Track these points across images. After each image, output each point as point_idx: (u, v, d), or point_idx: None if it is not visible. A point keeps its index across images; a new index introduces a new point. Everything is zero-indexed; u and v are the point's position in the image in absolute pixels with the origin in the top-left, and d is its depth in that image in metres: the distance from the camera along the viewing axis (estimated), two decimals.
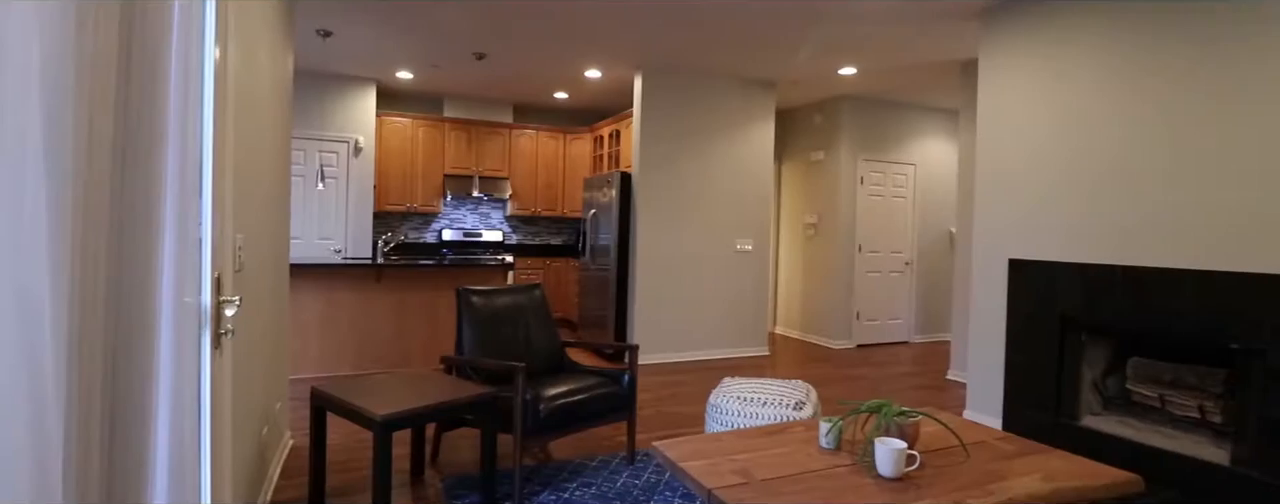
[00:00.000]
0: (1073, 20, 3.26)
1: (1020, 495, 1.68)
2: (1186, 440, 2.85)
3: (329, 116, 5.75)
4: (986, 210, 3.68)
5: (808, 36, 4.33)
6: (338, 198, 5.84)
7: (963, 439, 2.04)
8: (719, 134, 5.48)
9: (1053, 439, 3.25)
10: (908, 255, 6.54)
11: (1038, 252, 3.38)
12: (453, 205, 6.82)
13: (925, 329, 6.64)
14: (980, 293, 3.70)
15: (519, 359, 2.92)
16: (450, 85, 6.12)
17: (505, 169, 6.70)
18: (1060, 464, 1.91)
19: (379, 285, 4.51)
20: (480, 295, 2.98)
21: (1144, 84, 2.95)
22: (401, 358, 4.59)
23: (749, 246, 5.67)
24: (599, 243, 5.56)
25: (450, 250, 6.64)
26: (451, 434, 3.25)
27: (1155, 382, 3.07)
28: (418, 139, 6.34)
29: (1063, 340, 3.25)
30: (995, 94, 3.65)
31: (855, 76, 5.40)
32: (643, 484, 2.64)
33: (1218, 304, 2.65)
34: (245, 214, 2.03)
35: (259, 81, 2.24)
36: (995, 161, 3.64)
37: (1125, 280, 2.97)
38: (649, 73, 5.19)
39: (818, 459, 1.90)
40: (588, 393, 2.67)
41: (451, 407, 2.26)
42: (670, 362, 5.28)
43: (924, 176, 6.60)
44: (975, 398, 3.74)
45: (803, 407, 2.67)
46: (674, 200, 5.31)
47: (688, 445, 1.98)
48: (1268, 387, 2.50)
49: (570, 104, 6.87)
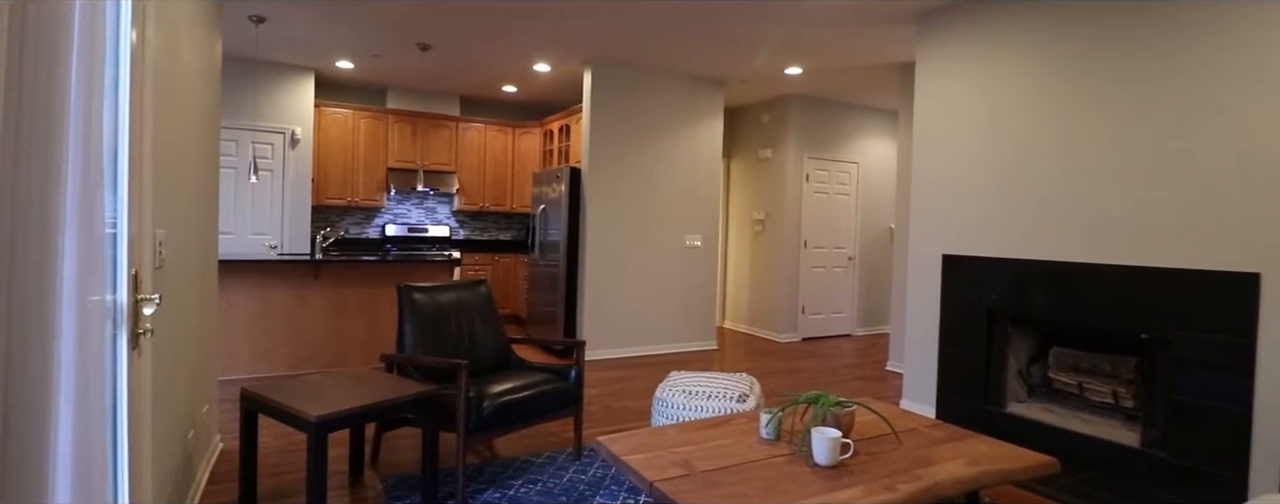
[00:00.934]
0: (1000, 28, 3.41)
1: (946, 480, 1.76)
2: (1102, 424, 3.04)
3: (263, 106, 5.51)
4: (922, 208, 3.82)
5: (755, 35, 4.40)
6: (273, 191, 5.60)
7: (895, 427, 2.12)
8: (669, 130, 5.51)
9: (981, 426, 3.41)
10: (850, 251, 6.74)
11: (969, 248, 3.53)
12: (397, 200, 6.64)
13: (867, 322, 6.87)
14: (916, 287, 3.85)
15: (463, 356, 2.87)
16: (394, 76, 5.95)
17: (452, 163, 6.56)
18: (985, 449, 2.01)
19: (317, 282, 4.36)
20: (423, 292, 2.92)
21: (1064, 91, 3.12)
22: (340, 357, 4.45)
23: (698, 242, 5.73)
24: (548, 238, 5.51)
25: (394, 246, 6.47)
26: (393, 434, 3.18)
27: (1074, 370, 3.26)
28: (359, 131, 6.14)
29: (991, 332, 3.41)
30: (930, 96, 3.79)
31: (801, 77, 5.51)
32: (589, 479, 2.65)
33: (1129, 297, 2.83)
34: (168, 208, 1.93)
35: (182, 67, 2.13)
36: (930, 161, 3.78)
37: (1048, 275, 3.14)
38: (598, 68, 5.17)
39: (758, 450, 1.94)
40: (534, 389, 2.65)
41: (391, 406, 2.21)
42: (619, 357, 5.30)
43: (866, 175, 6.81)
44: (911, 387, 3.89)
45: (746, 399, 2.72)
46: (624, 196, 5.31)
47: (632, 439, 1.99)
48: (1173, 374, 2.69)
49: (519, 97, 6.78)
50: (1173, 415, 2.69)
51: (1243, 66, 2.53)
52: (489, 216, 7.15)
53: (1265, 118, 2.46)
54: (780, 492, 1.65)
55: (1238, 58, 2.54)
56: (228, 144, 5.33)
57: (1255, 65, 2.49)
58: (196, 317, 2.48)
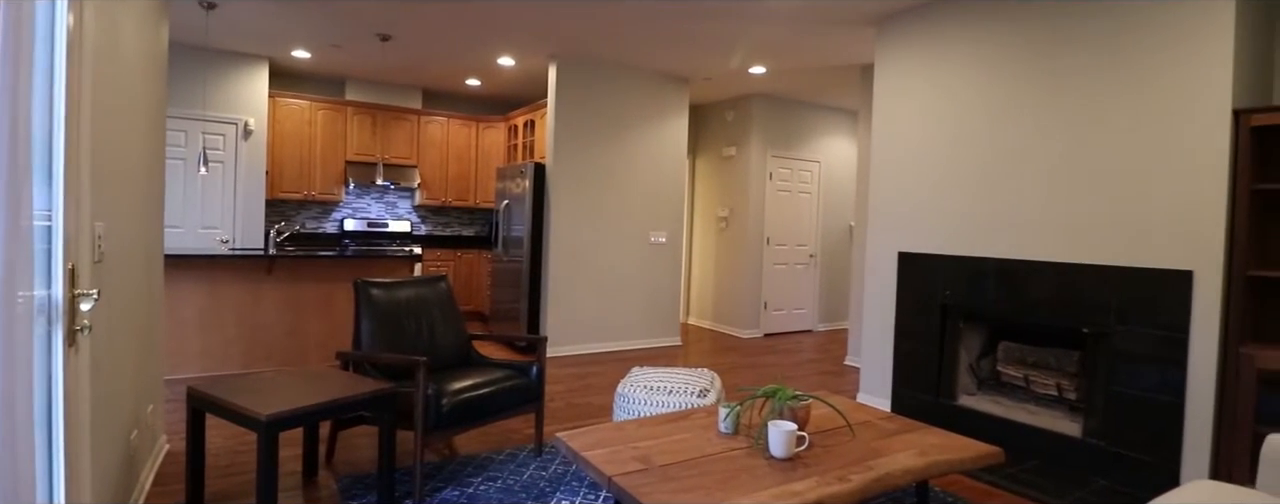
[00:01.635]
0: (955, 33, 3.51)
1: (897, 470, 1.81)
2: (1047, 415, 3.16)
3: (214, 96, 5.32)
4: (879, 207, 3.91)
5: (717, 34, 4.43)
6: (225, 184, 5.42)
7: (849, 420, 2.18)
8: (634, 127, 5.52)
9: (933, 418, 3.52)
10: (812, 248, 6.86)
11: (924, 245, 3.63)
12: (356, 194, 6.50)
13: (827, 318, 7.00)
14: (873, 284, 3.94)
15: (422, 353, 2.83)
16: (353, 67, 5.81)
17: (413, 157, 6.44)
18: (935, 440, 2.08)
19: (270, 278, 4.23)
20: (381, 288, 2.86)
21: (1014, 95, 3.23)
22: (296, 355, 4.34)
23: (663, 239, 5.75)
24: (512, 234, 5.47)
25: (353, 241, 6.32)
26: (349, 433, 3.12)
27: (1021, 363, 3.39)
28: (316, 123, 5.98)
29: (943, 327, 3.52)
30: (888, 98, 3.88)
31: (765, 76, 5.58)
32: (550, 476, 2.64)
33: (1073, 293, 2.95)
34: (109, 200, 1.85)
35: (126, 53, 2.04)
36: (887, 161, 3.87)
37: (998, 272, 3.25)
38: (563, 62, 5.14)
39: (716, 443, 1.97)
40: (494, 386, 2.63)
41: (345, 404, 2.16)
42: (583, 353, 5.29)
43: (828, 173, 6.93)
44: (868, 381, 3.98)
45: (707, 394, 2.75)
46: (589, 192, 5.30)
47: (591, 435, 2.00)
48: (1112, 367, 2.82)
49: (483, 91, 6.69)
50: (1112, 406, 2.81)
51: (1176, 77, 2.65)
52: (451, 212, 7.05)
53: (1196, 126, 2.59)
54: (736, 484, 1.67)
55: (1172, 69, 2.67)
56: (176, 134, 5.14)
57: (1190, 76, 2.62)
58: (141, 313, 2.39)
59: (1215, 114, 2.54)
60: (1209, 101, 2.56)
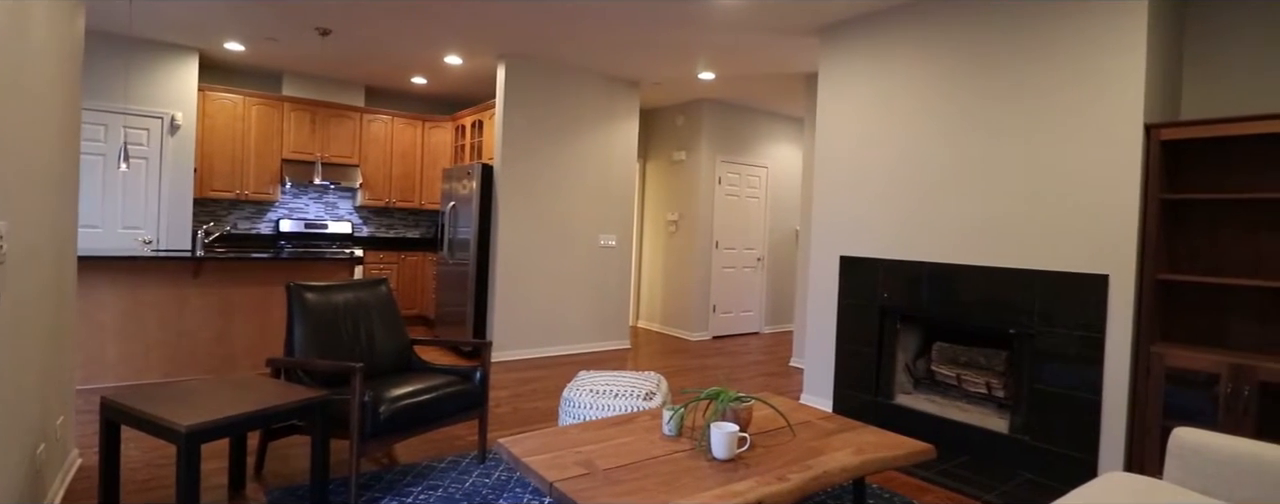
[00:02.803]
0: (892, 45, 3.64)
1: (835, 468, 1.85)
2: (977, 413, 3.30)
3: (138, 88, 5.02)
4: (822, 212, 4.01)
5: (666, 38, 4.46)
6: (148, 182, 5.12)
7: (790, 420, 2.22)
8: (584, 129, 5.49)
9: (872, 416, 3.63)
10: (759, 252, 6.98)
11: (865, 250, 3.74)
12: (293, 193, 6.24)
13: (773, 320, 7.13)
14: (816, 287, 4.04)
15: (359, 359, 2.74)
16: (290, 61, 5.59)
17: (355, 156, 6.24)
18: (871, 438, 2.13)
19: (197, 281, 4.02)
20: (316, 292, 2.76)
21: (946, 105, 3.37)
22: (224, 363, 4.13)
23: (613, 242, 5.74)
24: (458, 236, 5.36)
25: (290, 243, 6.07)
26: (281, 443, 2.98)
27: (954, 363, 3.53)
28: (250, 119, 5.72)
29: (882, 329, 3.63)
30: (831, 106, 3.99)
31: (714, 82, 5.65)
32: (493, 483, 2.59)
33: (1002, 296, 3.09)
34: (11, 196, 1.72)
35: (33, 41, 1.90)
36: (830, 168, 3.98)
37: (933, 275, 3.38)
38: (512, 62, 5.08)
39: (659, 446, 1.97)
40: (436, 392, 2.57)
41: (274, 413, 2.07)
42: (531, 357, 5.23)
43: (775, 178, 7.07)
44: (811, 382, 4.07)
45: (653, 397, 2.75)
46: (537, 194, 5.25)
47: (533, 440, 1.97)
48: (1036, 365, 2.96)
49: (429, 90, 6.55)
50: (1035, 403, 2.96)
51: (1094, 94, 2.82)
52: (395, 213, 6.86)
53: (1112, 140, 2.76)
54: (678, 486, 1.68)
55: (1091, 86, 2.83)
56: (94, 128, 4.83)
57: (1107, 92, 2.79)
58: (48, 318, 2.23)
59: (1129, 128, 2.71)
60: (1123, 117, 2.73)
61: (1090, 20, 2.84)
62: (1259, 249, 2.64)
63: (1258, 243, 2.64)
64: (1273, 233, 2.61)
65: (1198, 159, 2.81)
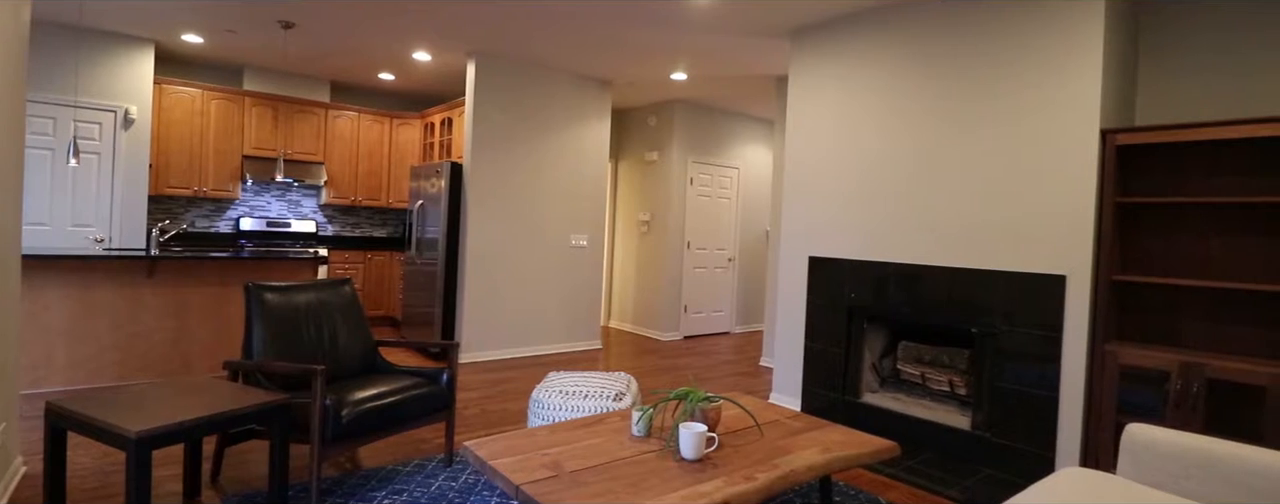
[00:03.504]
0: (862, 48, 3.69)
1: (801, 467, 1.86)
2: (940, 410, 3.36)
3: (90, 80, 4.83)
4: (792, 213, 4.05)
5: (638, 38, 4.45)
6: (101, 178, 4.93)
7: (758, 420, 2.23)
8: (556, 129, 5.46)
9: (839, 415, 3.67)
10: (731, 252, 7.02)
11: (833, 251, 3.79)
12: (254, 191, 6.07)
13: (744, 320, 7.18)
14: (785, 287, 4.07)
15: (322, 361, 2.67)
16: (252, 55, 5.43)
17: (320, 153, 6.10)
18: (837, 436, 2.16)
19: (152, 281, 3.88)
20: (276, 292, 2.68)
21: (912, 109, 3.43)
22: (180, 366, 3.99)
23: (584, 242, 5.72)
24: (426, 236, 5.27)
25: (251, 241, 5.91)
26: (239, 449, 2.89)
27: (919, 362, 3.59)
28: (210, 114, 5.55)
29: (849, 328, 3.68)
30: (801, 108, 4.03)
31: (687, 83, 5.66)
32: (460, 486, 2.55)
33: (965, 296, 3.16)
34: None
35: None
36: (799, 170, 4.01)
37: (899, 276, 3.43)
38: (483, 60, 5.02)
39: (628, 447, 1.96)
40: (401, 395, 2.52)
41: (231, 417, 2.00)
42: (501, 358, 5.17)
43: (746, 179, 7.12)
44: (780, 381, 4.11)
45: (623, 397, 2.74)
46: (508, 193, 5.19)
47: (500, 443, 1.94)
48: (997, 364, 3.03)
49: (397, 86, 6.43)
50: (996, 400, 3.03)
51: (1053, 100, 2.90)
52: (361, 212, 6.73)
53: (1070, 145, 2.84)
54: (646, 487, 1.67)
55: (1050, 92, 2.91)
56: (42, 121, 4.63)
57: (1065, 99, 2.87)
58: None
59: (1085, 134, 2.79)
60: (1080, 122, 2.81)
61: (1049, 28, 2.91)
62: (1208, 251, 2.74)
63: (1207, 245, 2.74)
64: (1221, 236, 2.71)
65: (1151, 164, 2.90)
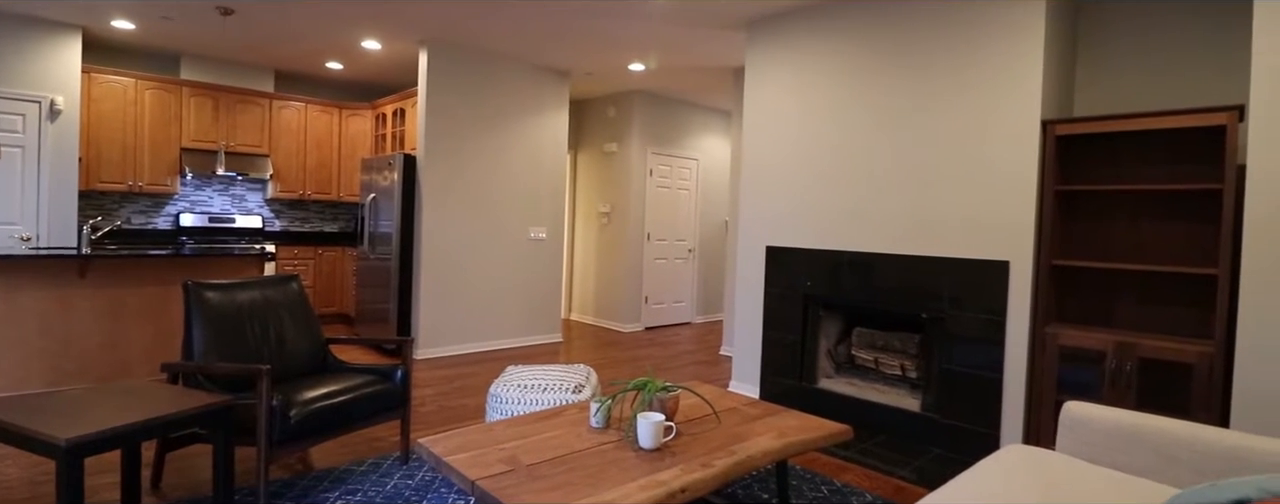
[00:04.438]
0: (813, 44, 3.74)
1: (757, 452, 1.89)
2: (893, 394, 3.46)
3: (10, 69, 4.53)
4: (749, 203, 4.09)
5: (595, 28, 4.41)
6: (25, 172, 4.64)
7: (716, 408, 2.25)
8: (512, 119, 5.37)
9: (796, 401, 3.74)
10: (691, 243, 7.06)
11: (790, 240, 3.84)
12: (194, 185, 5.81)
13: (704, 310, 7.24)
14: (744, 277, 4.12)
15: (268, 361, 2.58)
16: (190, 42, 5.18)
17: (265, 145, 5.87)
18: (793, 422, 2.19)
19: (84, 281, 3.68)
20: (217, 290, 2.57)
21: (861, 103, 3.49)
22: (117, 370, 3.81)
23: (543, 234, 5.66)
24: (380, 230, 5.14)
25: (192, 238, 5.66)
26: (182, 453, 2.78)
27: (872, 347, 3.69)
28: (144, 104, 5.28)
29: (806, 316, 3.75)
30: (757, 100, 4.06)
31: (645, 74, 5.64)
32: (417, 484, 2.51)
33: (916, 282, 3.24)
34: None
35: None
36: (756, 160, 4.05)
37: (853, 264, 3.50)
38: (435, 49, 4.89)
39: (586, 439, 1.95)
40: (353, 393, 2.45)
41: (169, 421, 1.92)
42: (459, 353, 5.09)
43: (705, 171, 7.16)
44: (739, 369, 4.16)
45: (582, 389, 2.74)
46: (463, 186, 5.10)
47: (456, 438, 1.91)
48: (945, 347, 3.13)
49: (346, 76, 6.23)
50: (945, 382, 3.13)
51: (997, 92, 2.99)
52: (311, 206, 6.51)
53: (1013, 135, 2.94)
54: (604, 478, 1.67)
55: (994, 85, 3.00)
56: None
57: (1008, 91, 2.96)
58: None
59: (1028, 125, 2.89)
60: (1023, 114, 2.91)
61: (994, 22, 3.00)
62: (1141, 236, 2.88)
63: (1139, 230, 2.88)
64: (1153, 221, 2.85)
65: (1089, 153, 3.03)
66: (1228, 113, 2.44)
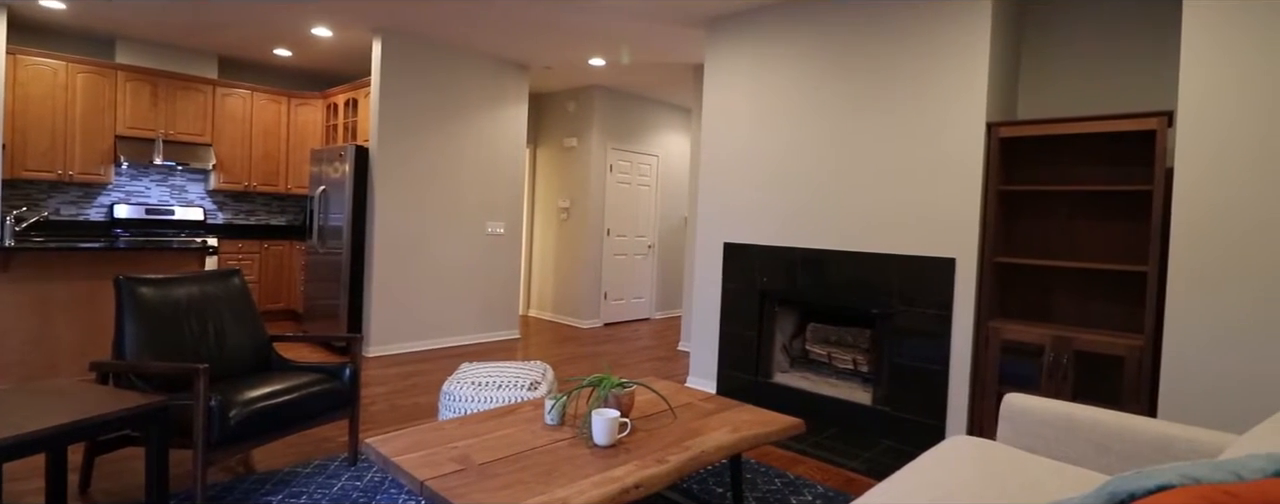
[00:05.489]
0: (770, 43, 3.77)
1: (711, 447, 1.90)
2: (845, 387, 3.54)
3: None
4: (707, 200, 4.11)
5: (553, 20, 4.36)
6: None
7: (671, 403, 2.26)
8: (470, 112, 5.27)
9: (752, 396, 3.79)
10: (650, 239, 7.07)
11: (747, 237, 3.88)
12: (130, 175, 5.53)
13: (664, 306, 7.27)
14: (702, 273, 4.14)
15: (207, 359, 2.48)
16: (125, 24, 4.91)
17: (207, 134, 5.62)
18: (747, 416, 2.22)
19: (8, 275, 3.46)
20: (152, 285, 2.45)
21: (817, 103, 3.55)
22: (43, 368, 3.59)
23: (501, 230, 5.58)
24: (330, 223, 4.98)
25: (128, 230, 5.38)
26: (114, 456, 2.64)
27: (826, 342, 3.76)
28: (75, 88, 4.98)
29: (762, 311, 3.79)
30: (716, 97, 4.08)
31: (605, 69, 5.61)
32: (365, 486, 2.44)
33: (868, 279, 3.32)
34: None
35: None
36: (714, 158, 4.08)
37: (808, 261, 3.56)
38: (389, 38, 4.76)
39: (541, 436, 1.93)
40: (298, 392, 2.37)
41: (97, 423, 1.82)
42: (413, 351, 4.99)
43: (665, 167, 7.17)
44: (696, 365, 4.19)
45: (538, 387, 2.71)
46: (418, 179, 4.98)
47: (406, 438, 1.87)
48: (895, 342, 3.21)
49: (295, 63, 6.01)
50: (894, 376, 3.21)
51: (945, 94, 3.07)
52: (257, 198, 6.27)
53: (959, 136, 3.02)
54: (558, 474, 1.66)
55: (942, 88, 3.08)
56: None
57: (955, 94, 3.05)
58: None
59: (974, 126, 2.98)
60: (969, 116, 3.00)
61: (942, 25, 3.08)
62: (1077, 234, 3.00)
63: (1076, 229, 3.01)
64: (1088, 220, 2.98)
65: (1031, 154, 3.14)
66: (1158, 118, 2.56)
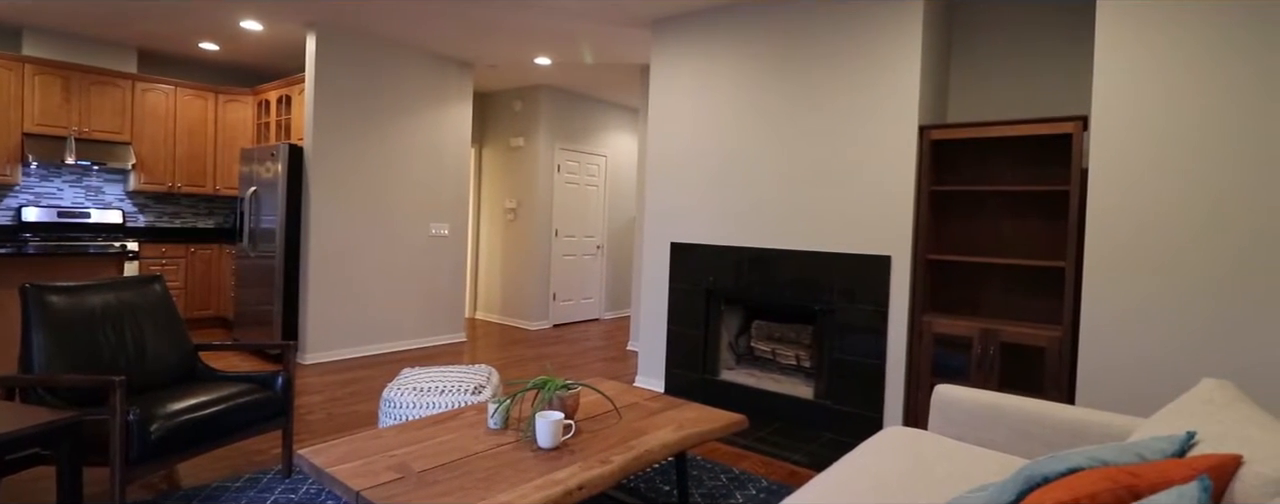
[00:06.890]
0: (714, 44, 3.83)
1: (656, 446, 1.92)
2: (788, 383, 3.62)
3: None
4: (654, 200, 4.14)
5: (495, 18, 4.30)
6: None
7: (616, 404, 2.26)
8: (412, 111, 5.14)
9: (699, 393, 3.84)
10: (599, 239, 7.06)
11: (693, 236, 3.92)
12: (40, 176, 5.16)
13: (613, 306, 7.27)
14: (649, 273, 4.16)
15: (126, 371, 2.34)
16: (31, 13, 4.58)
17: (126, 132, 5.29)
18: (691, 414, 2.24)
19: None
20: (63, 293, 2.29)
21: (760, 105, 3.62)
22: None
23: (445, 231, 5.47)
24: (262, 226, 4.77)
25: (38, 235, 5.02)
26: (22, 477, 2.46)
27: (770, 339, 3.84)
28: None
29: (708, 310, 3.84)
30: (662, 98, 4.11)
31: (552, 68, 5.56)
32: (300, 498, 2.35)
33: (810, 276, 3.40)
34: None
35: None
36: (661, 157, 4.10)
37: (752, 259, 3.63)
38: (325, 33, 4.59)
39: (483, 441, 1.91)
40: (225, 403, 2.26)
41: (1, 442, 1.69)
42: (353, 357, 4.83)
43: (614, 167, 7.17)
44: (645, 364, 4.21)
45: (482, 391, 2.67)
46: (357, 179, 4.83)
47: (341, 447, 1.81)
48: (835, 337, 3.31)
49: (223, 58, 5.73)
50: (834, 371, 3.31)
51: (880, 99, 3.18)
52: (182, 199, 5.95)
53: (894, 139, 3.14)
54: (500, 480, 1.64)
55: (876, 92, 3.19)
56: None
57: (889, 98, 3.16)
58: None
59: (907, 129, 3.10)
60: (902, 119, 3.11)
61: (874, 29, 3.19)
62: (1003, 232, 3.16)
63: (1002, 227, 3.16)
64: (1013, 219, 3.14)
65: (960, 156, 3.29)
66: (1074, 122, 2.73)
